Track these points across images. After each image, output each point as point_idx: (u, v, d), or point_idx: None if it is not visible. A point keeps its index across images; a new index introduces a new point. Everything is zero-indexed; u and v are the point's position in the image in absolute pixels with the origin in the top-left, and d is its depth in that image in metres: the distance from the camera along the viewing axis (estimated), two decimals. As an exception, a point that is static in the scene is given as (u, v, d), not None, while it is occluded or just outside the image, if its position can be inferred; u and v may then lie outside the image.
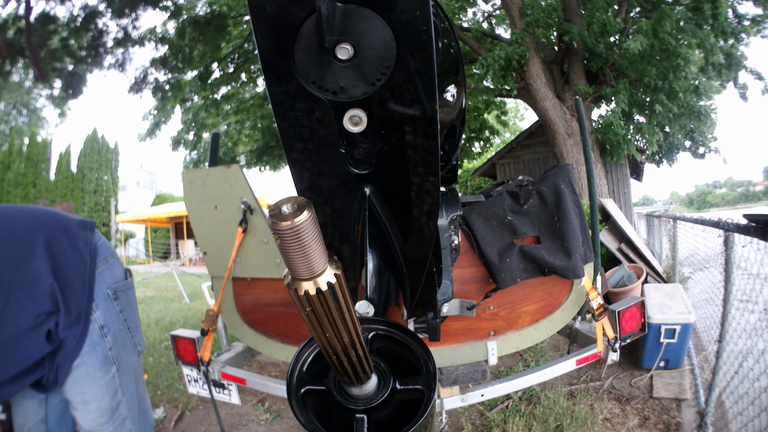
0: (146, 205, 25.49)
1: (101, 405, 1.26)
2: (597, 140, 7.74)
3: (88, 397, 1.24)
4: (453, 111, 1.17)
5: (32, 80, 12.18)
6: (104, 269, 1.29)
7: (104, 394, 1.26)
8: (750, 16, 8.33)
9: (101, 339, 1.24)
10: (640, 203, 69.48)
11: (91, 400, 1.24)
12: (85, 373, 1.22)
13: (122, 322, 1.32)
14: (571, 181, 1.67)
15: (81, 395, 1.24)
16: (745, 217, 1.73)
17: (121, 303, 1.32)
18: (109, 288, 1.29)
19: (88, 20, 10.03)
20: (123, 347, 1.32)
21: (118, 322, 1.30)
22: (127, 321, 1.34)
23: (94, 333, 1.23)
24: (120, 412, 1.31)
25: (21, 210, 1.20)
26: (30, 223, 1.16)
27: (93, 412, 1.25)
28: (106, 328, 1.26)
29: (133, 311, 1.39)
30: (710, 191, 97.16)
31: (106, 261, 1.31)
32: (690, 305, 3.03)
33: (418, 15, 0.51)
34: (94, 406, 1.25)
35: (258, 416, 2.85)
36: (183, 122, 11.83)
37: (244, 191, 1.74)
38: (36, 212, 1.21)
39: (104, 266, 1.29)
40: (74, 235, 1.22)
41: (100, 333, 1.24)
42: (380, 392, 0.56)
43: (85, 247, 1.23)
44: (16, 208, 1.20)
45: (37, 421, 1.31)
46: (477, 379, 1.63)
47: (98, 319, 1.24)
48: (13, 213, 1.17)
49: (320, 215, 0.72)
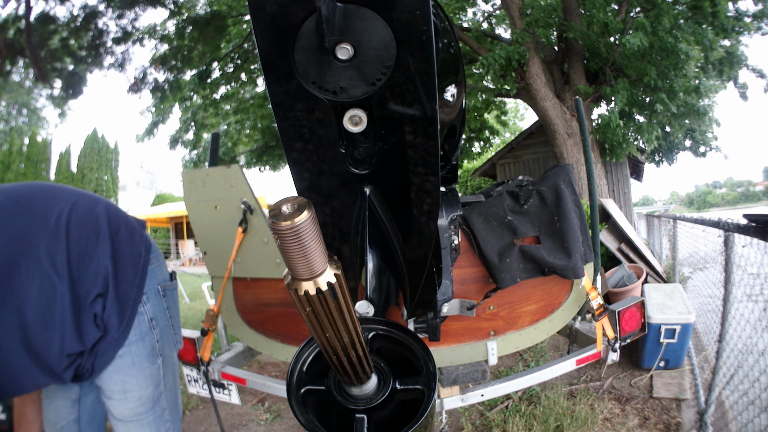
0: (146, 205, 25.50)
1: (143, 394, 1.27)
2: (597, 140, 7.73)
3: (130, 386, 1.25)
4: (453, 111, 1.17)
5: (32, 80, 12.18)
6: (156, 266, 1.33)
7: (148, 384, 1.28)
8: (750, 12, 8.33)
9: (150, 331, 1.27)
10: (640, 203, 69.57)
11: (133, 389, 1.25)
12: (130, 362, 1.23)
13: (168, 318, 1.36)
14: (571, 181, 1.67)
15: (122, 384, 1.24)
16: (745, 217, 1.73)
17: (168, 300, 1.36)
18: (160, 284, 1.33)
19: (88, 20, 10.03)
20: (167, 342, 1.36)
21: (164, 318, 1.34)
22: (172, 318, 1.38)
23: (143, 324, 1.25)
24: (161, 403, 1.34)
25: (80, 191, 1.25)
26: (92, 204, 1.22)
27: (133, 401, 1.26)
28: (155, 321, 1.29)
29: (176, 310, 1.43)
30: (710, 191, 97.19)
31: (158, 259, 1.35)
32: (690, 305, 3.03)
33: (418, 15, 0.51)
34: (135, 395, 1.26)
35: (258, 416, 2.85)
36: (182, 122, 11.81)
37: (244, 191, 1.74)
38: (95, 196, 1.28)
39: (156, 263, 1.33)
40: (133, 227, 1.27)
41: (150, 325, 1.27)
42: (380, 392, 0.56)
43: (141, 241, 1.28)
44: (73, 189, 1.24)
45: (70, 421, 1.32)
46: (477, 379, 1.63)
47: (148, 312, 1.27)
48: (73, 192, 1.22)
49: (320, 215, 0.72)
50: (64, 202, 1.15)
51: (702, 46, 7.22)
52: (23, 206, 1.09)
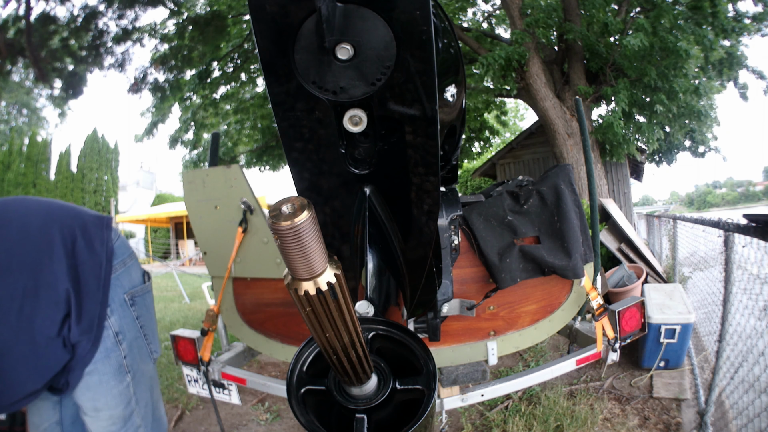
0: (146, 205, 25.49)
1: (113, 414, 1.21)
2: (597, 140, 7.73)
3: (99, 404, 1.19)
4: (453, 111, 1.17)
5: (32, 80, 12.17)
6: (121, 272, 1.22)
7: (117, 403, 1.21)
8: (750, 14, 8.33)
9: (116, 346, 1.19)
10: (640, 203, 69.57)
11: (103, 408, 1.20)
12: (97, 381, 1.17)
13: (138, 329, 1.26)
14: (571, 181, 1.67)
15: (92, 402, 1.19)
16: (745, 217, 1.73)
17: (138, 309, 1.26)
18: (126, 293, 1.23)
19: (88, 20, 10.03)
20: (138, 355, 1.26)
21: (134, 329, 1.24)
22: (143, 327, 1.28)
23: (108, 340, 1.17)
24: (133, 421, 1.26)
25: (34, 206, 1.12)
26: (44, 221, 1.09)
27: (104, 419, 1.21)
28: (122, 335, 1.20)
29: (150, 317, 1.32)
30: (710, 191, 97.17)
31: (124, 264, 1.24)
32: (690, 305, 3.03)
33: (418, 15, 0.51)
34: (106, 414, 1.20)
35: (258, 416, 2.85)
36: (182, 121, 11.80)
37: (244, 191, 1.74)
38: (50, 207, 1.14)
39: (122, 269, 1.23)
40: (90, 234, 1.15)
41: (115, 340, 1.19)
42: (380, 392, 0.56)
43: (101, 249, 1.16)
44: (27, 204, 1.12)
45: (52, 423, 1.27)
46: (477, 379, 1.62)
47: (113, 326, 1.18)
48: (26, 211, 1.09)
49: (320, 215, 0.72)
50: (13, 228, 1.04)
51: (702, 47, 7.22)
52: None
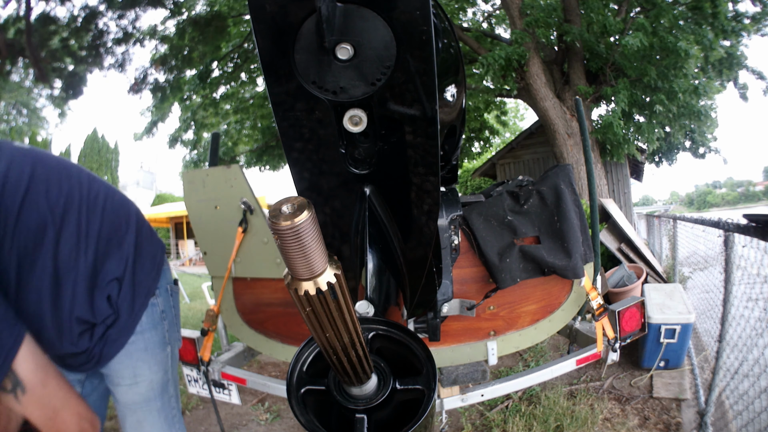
0: (146, 205, 25.47)
1: (154, 379, 1.32)
2: (597, 140, 7.74)
3: (141, 370, 1.29)
4: (453, 111, 1.17)
5: (32, 80, 12.18)
6: (166, 268, 1.40)
7: (159, 369, 1.33)
8: (750, 14, 8.34)
9: (161, 321, 1.34)
10: (640, 203, 69.59)
11: (144, 374, 1.29)
12: (143, 348, 1.28)
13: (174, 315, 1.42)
14: (571, 181, 1.67)
15: (133, 369, 1.28)
16: (745, 217, 1.73)
17: (174, 300, 1.43)
18: (168, 285, 1.40)
19: (88, 20, 10.03)
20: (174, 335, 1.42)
21: (172, 314, 1.41)
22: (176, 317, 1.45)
23: (156, 314, 1.32)
24: (168, 390, 1.39)
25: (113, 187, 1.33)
26: (125, 199, 1.30)
27: (144, 385, 1.31)
28: (165, 314, 1.36)
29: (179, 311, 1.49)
30: (710, 191, 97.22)
31: (166, 263, 1.42)
32: (690, 305, 3.03)
33: (418, 15, 0.51)
34: (146, 380, 1.30)
35: (258, 416, 2.85)
36: (182, 121, 11.81)
37: (244, 191, 1.74)
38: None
39: (165, 265, 1.40)
40: (152, 229, 1.37)
41: (161, 316, 1.34)
42: (380, 392, 0.56)
43: (158, 243, 1.36)
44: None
45: None
46: (477, 379, 1.62)
47: (160, 304, 1.34)
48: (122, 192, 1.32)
49: (320, 215, 0.72)
50: (103, 187, 1.23)
51: (702, 47, 7.22)
52: (71, 174, 1.16)
